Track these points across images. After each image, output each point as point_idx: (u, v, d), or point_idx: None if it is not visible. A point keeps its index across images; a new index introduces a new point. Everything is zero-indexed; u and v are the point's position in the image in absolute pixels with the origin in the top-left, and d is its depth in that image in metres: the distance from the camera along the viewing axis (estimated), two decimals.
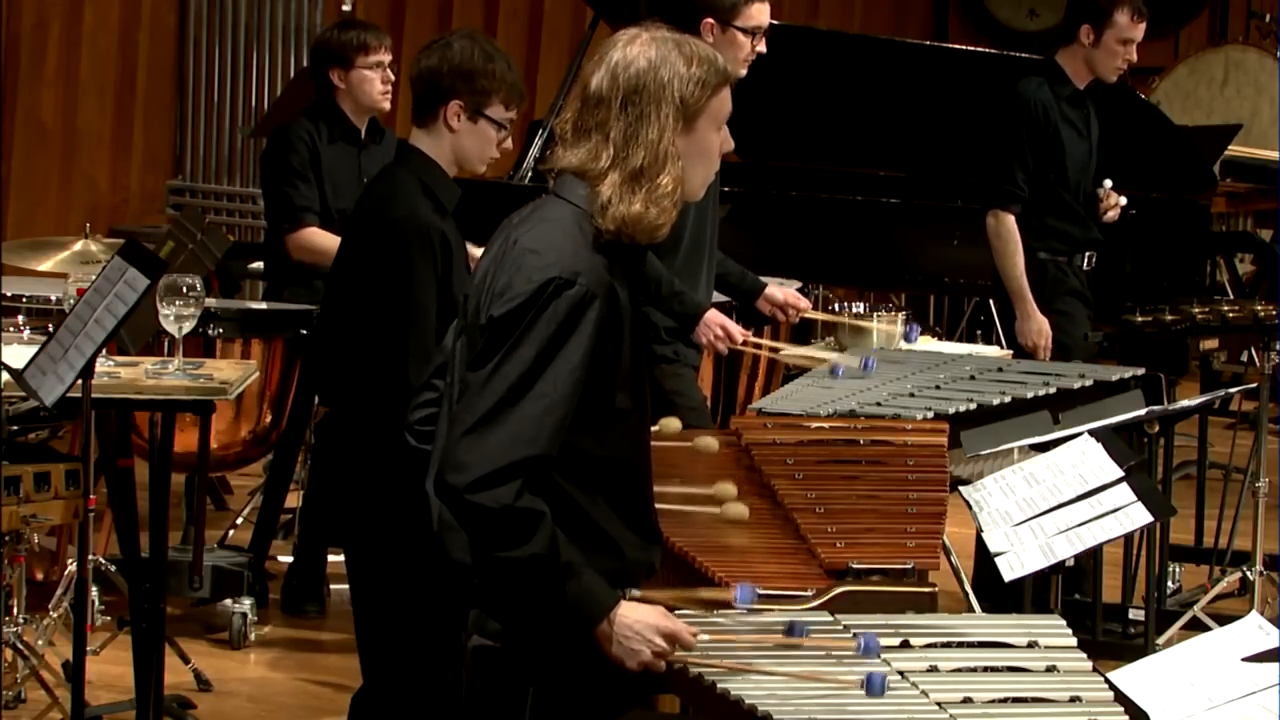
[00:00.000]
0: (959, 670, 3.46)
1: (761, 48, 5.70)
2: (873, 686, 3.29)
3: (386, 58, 7.10)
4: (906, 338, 6.32)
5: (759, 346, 6.21)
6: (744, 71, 5.65)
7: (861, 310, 7.05)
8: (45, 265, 7.01)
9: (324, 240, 6.85)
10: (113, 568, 6.35)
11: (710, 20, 5.64)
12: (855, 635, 3.47)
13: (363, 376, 4.73)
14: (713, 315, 5.72)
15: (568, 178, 3.54)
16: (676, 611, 3.56)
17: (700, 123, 3.52)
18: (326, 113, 7.13)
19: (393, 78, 7.13)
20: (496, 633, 3.55)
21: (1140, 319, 7.13)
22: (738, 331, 5.77)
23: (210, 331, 6.58)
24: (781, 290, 6.09)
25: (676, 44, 3.53)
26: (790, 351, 6.55)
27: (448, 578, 3.55)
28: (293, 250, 6.95)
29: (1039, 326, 6.93)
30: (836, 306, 7.31)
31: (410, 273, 4.65)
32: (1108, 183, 7.07)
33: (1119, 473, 4.46)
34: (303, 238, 6.95)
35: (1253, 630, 3.37)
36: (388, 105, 7.16)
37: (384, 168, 4.96)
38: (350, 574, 4.90)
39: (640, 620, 3.45)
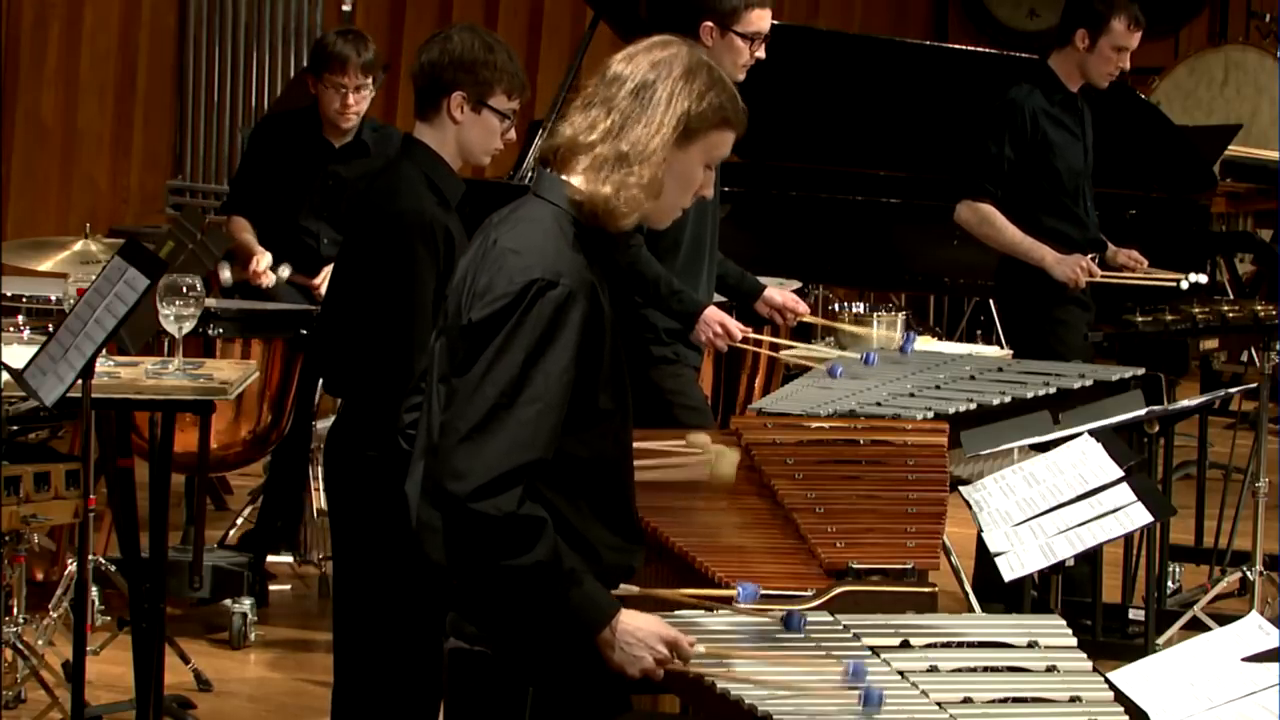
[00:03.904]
0: (959, 670, 3.46)
1: (761, 54, 5.67)
2: (870, 702, 3.29)
3: (355, 81, 7.09)
4: (903, 350, 6.17)
5: (758, 344, 6.18)
6: (741, 76, 5.64)
7: (861, 310, 7.03)
8: (45, 265, 7.00)
9: (240, 232, 7.31)
10: (113, 568, 6.35)
11: (710, 24, 5.61)
12: (846, 661, 3.45)
13: (364, 370, 4.73)
14: (711, 313, 5.71)
15: (549, 177, 3.53)
16: (675, 613, 3.56)
17: (694, 146, 3.50)
18: (311, 116, 7.28)
19: (353, 104, 7.15)
20: (473, 636, 3.51)
21: (1140, 319, 7.12)
22: (736, 328, 5.75)
23: (210, 331, 6.57)
24: (780, 293, 6.06)
25: (709, 67, 3.53)
26: (790, 349, 6.53)
27: (426, 578, 3.53)
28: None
29: (1071, 262, 6.90)
30: (836, 307, 7.30)
31: (413, 266, 4.64)
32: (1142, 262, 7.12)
33: (1119, 473, 4.46)
34: (229, 225, 7.31)
35: (1253, 630, 3.38)
36: (345, 125, 7.22)
37: (388, 162, 4.96)
38: (336, 573, 4.90)
39: (642, 628, 3.42)
